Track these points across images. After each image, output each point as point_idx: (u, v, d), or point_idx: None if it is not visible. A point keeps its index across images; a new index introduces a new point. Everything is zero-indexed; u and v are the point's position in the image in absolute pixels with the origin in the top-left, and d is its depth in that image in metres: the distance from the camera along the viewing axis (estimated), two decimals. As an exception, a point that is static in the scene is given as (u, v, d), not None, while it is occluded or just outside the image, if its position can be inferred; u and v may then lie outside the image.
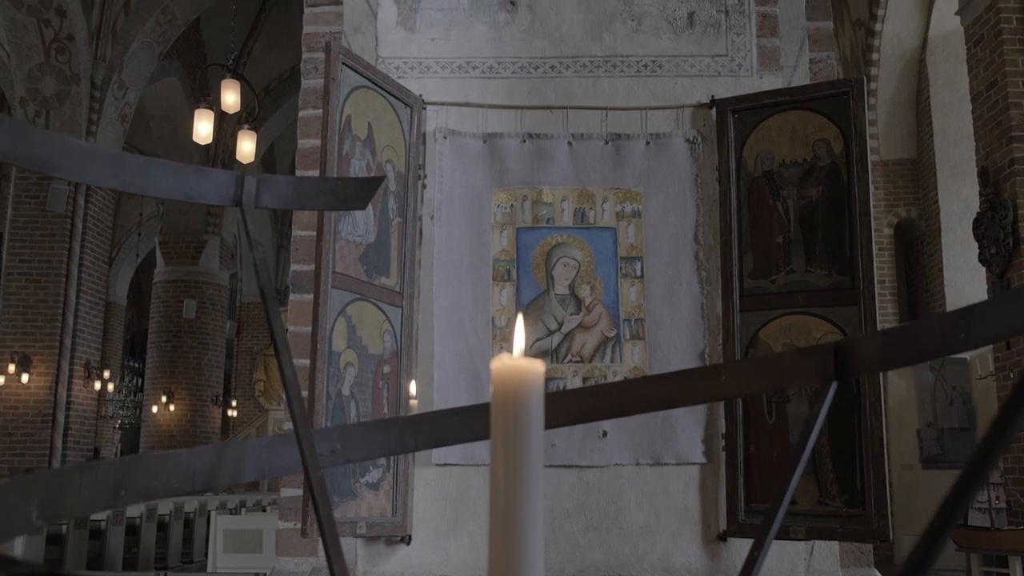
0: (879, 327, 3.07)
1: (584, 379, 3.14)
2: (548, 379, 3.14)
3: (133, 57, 12.03)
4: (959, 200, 11.04)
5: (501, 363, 0.82)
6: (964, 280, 10.94)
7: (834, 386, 1.47)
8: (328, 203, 1.79)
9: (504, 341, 3.15)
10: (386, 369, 2.98)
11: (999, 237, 8.11)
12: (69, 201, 11.28)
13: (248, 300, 20.82)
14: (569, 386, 3.13)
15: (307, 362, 2.84)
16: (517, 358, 0.85)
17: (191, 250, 14.76)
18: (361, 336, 2.88)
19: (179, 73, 13.82)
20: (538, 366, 0.79)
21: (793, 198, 3.12)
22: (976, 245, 8.33)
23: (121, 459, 1.17)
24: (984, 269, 8.30)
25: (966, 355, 10.51)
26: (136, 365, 19.72)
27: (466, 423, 1.71)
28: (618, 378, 3.14)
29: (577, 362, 3.15)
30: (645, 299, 3.17)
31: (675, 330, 3.16)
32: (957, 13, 8.53)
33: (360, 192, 1.73)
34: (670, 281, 3.18)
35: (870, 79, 11.73)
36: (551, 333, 3.17)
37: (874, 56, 11.75)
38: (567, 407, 1.65)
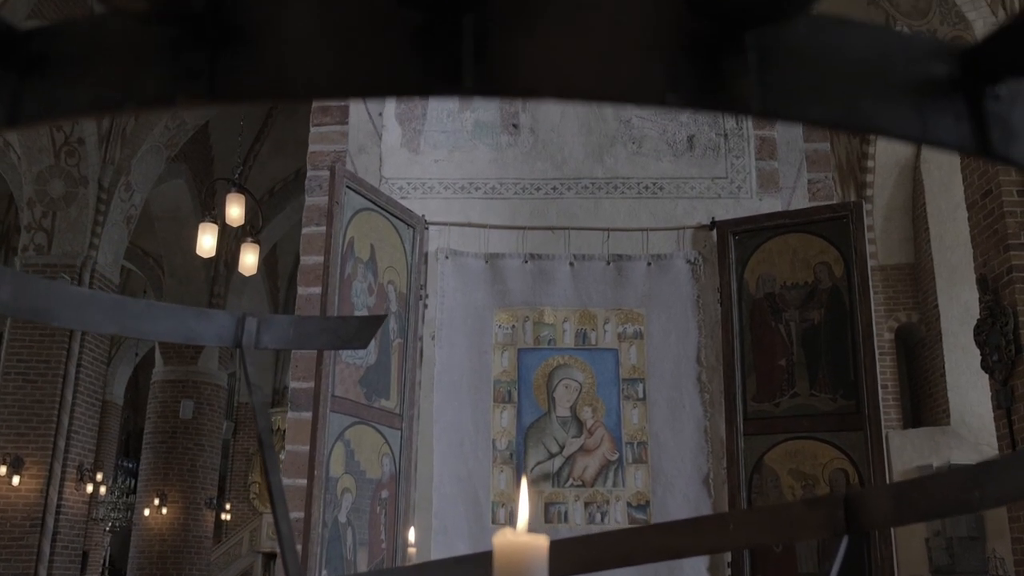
0: (883, 436, 3.03)
1: (586, 504, 3.07)
2: (549, 504, 3.08)
3: (141, 160, 12.23)
4: (959, 305, 11.06)
5: (504, 539, 0.79)
6: (967, 385, 10.86)
7: (845, 541, 1.43)
8: (330, 343, 1.79)
9: (505, 465, 3.10)
10: (384, 494, 2.91)
11: (1000, 344, 8.08)
12: (71, 301, 11.27)
13: (246, 400, 20.67)
14: (571, 512, 3.06)
15: (304, 481, 2.79)
16: (520, 533, 0.81)
17: (190, 350, 14.72)
18: (359, 460, 2.83)
19: (186, 176, 14.03)
20: (541, 542, 0.75)
21: (795, 320, 3.11)
22: (978, 351, 8.30)
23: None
24: (987, 376, 8.25)
25: (973, 462, 10.36)
26: (130, 466, 19.42)
27: (466, 574, 1.65)
28: (620, 503, 3.07)
29: (579, 486, 3.09)
30: (648, 422, 3.13)
31: (678, 454, 3.11)
32: (950, 124, 8.70)
33: (361, 331, 1.72)
34: (673, 403, 3.15)
35: (866, 185, 11.90)
36: (552, 456, 3.11)
37: (869, 163, 11.95)
38: (570, 556, 1.60)
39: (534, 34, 0.47)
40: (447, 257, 3.26)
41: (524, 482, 0.93)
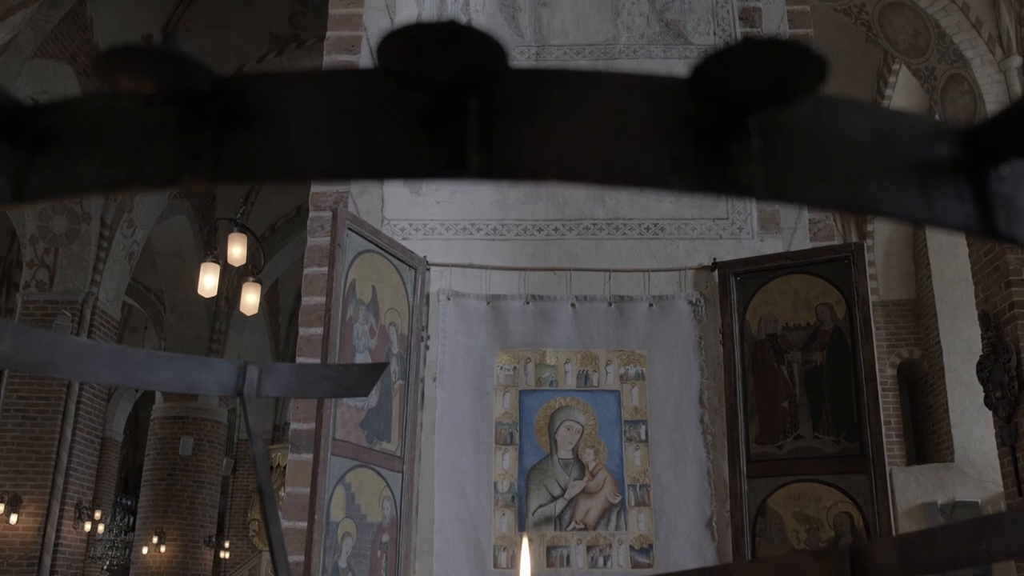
0: (887, 473, 3.00)
1: (588, 548, 3.05)
2: (551, 548, 3.05)
3: (143, 197, 12.29)
4: (961, 341, 11.03)
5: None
6: (971, 421, 10.81)
7: (852, 594, 1.42)
8: (331, 391, 1.78)
9: (506, 507, 3.07)
10: (385, 538, 2.89)
11: (1004, 381, 8.06)
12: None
13: (247, 436, 20.56)
14: (573, 556, 3.03)
15: (304, 524, 2.76)
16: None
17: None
18: (360, 504, 2.81)
19: (188, 212, 14.09)
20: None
21: (798, 362, 3.10)
22: (981, 387, 8.27)
23: None
24: (991, 412, 8.21)
25: (977, 499, 10.30)
26: (128, 503, 19.29)
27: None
28: (623, 547, 3.04)
29: (581, 530, 3.07)
30: (650, 464, 3.11)
31: (681, 496, 3.08)
32: (949, 161, 8.74)
33: (363, 379, 1.72)
34: (675, 445, 3.13)
35: (866, 221, 11.93)
36: (554, 499, 3.09)
37: (869, 201, 11.98)
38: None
39: (539, 118, 0.47)
40: (448, 298, 3.26)
41: (525, 542, 0.92)
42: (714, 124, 0.47)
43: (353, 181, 0.52)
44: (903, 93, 10.72)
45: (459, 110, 0.47)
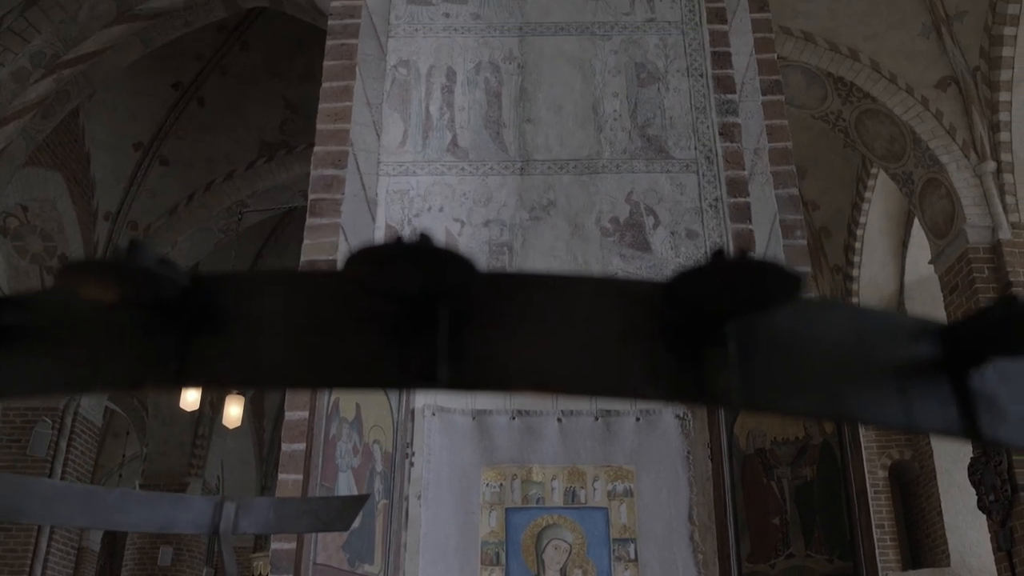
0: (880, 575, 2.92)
1: (578, 675, 2.94)
2: (540, 676, 2.94)
3: (129, 301, 12.25)
4: (951, 442, 10.96)
5: None
6: (966, 525, 10.64)
7: None
8: (311, 526, 1.74)
9: (493, 633, 2.97)
10: (366, 668, 2.78)
11: (996, 484, 7.97)
12: (51, 445, 11.10)
13: None
14: None
15: (282, 651, 2.66)
16: None
17: (171, 492, 14.33)
18: (340, 632, 2.71)
19: (174, 315, 14.00)
20: None
21: (788, 477, 3.06)
22: (974, 490, 8.18)
23: None
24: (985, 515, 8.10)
25: (975, 605, 10.07)
26: (104, 616, 18.62)
27: None
28: (615, 674, 2.94)
29: (570, 656, 2.96)
30: (640, 585, 3.03)
31: (673, 618, 2.99)
32: (930, 262, 8.85)
33: (344, 513, 1.67)
34: (665, 564, 3.05)
35: (851, 322, 11.96)
36: (543, 624, 2.99)
37: (854, 299, 12.08)
38: None
39: (510, 326, 0.46)
40: (434, 414, 3.22)
41: None
42: (689, 329, 0.46)
43: (321, 389, 0.51)
44: (882, 196, 10.94)
45: (428, 319, 0.46)
